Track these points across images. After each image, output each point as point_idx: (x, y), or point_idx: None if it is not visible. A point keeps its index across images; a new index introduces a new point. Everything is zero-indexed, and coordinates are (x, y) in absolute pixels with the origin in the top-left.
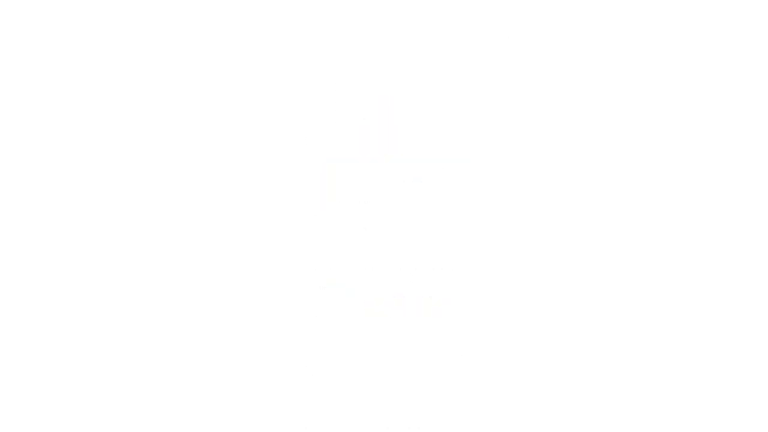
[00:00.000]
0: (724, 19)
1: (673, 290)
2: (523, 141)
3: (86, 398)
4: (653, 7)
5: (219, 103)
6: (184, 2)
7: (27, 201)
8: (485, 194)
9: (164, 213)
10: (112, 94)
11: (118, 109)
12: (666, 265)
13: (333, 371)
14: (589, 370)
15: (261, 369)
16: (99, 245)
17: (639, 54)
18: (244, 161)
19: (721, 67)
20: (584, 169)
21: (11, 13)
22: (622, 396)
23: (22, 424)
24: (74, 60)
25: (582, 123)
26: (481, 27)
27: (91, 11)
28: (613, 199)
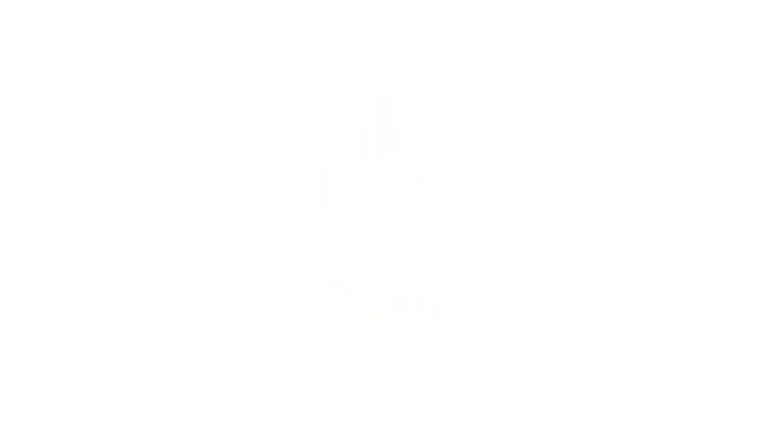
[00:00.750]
0: (724, 19)
1: (673, 290)
2: (523, 141)
3: (86, 398)
4: (653, 7)
5: (219, 104)
6: (184, 2)
7: (27, 201)
8: (485, 194)
9: (164, 213)
10: (112, 94)
11: (118, 110)
12: (666, 265)
13: (333, 371)
14: (589, 370)
15: (261, 369)
16: (99, 246)
17: (639, 54)
18: (244, 161)
19: (722, 67)
20: (584, 169)
21: (11, 13)
22: (622, 396)
23: (22, 424)
24: (74, 60)
25: (582, 123)
26: (480, 27)
27: (91, 11)
28: (613, 199)
